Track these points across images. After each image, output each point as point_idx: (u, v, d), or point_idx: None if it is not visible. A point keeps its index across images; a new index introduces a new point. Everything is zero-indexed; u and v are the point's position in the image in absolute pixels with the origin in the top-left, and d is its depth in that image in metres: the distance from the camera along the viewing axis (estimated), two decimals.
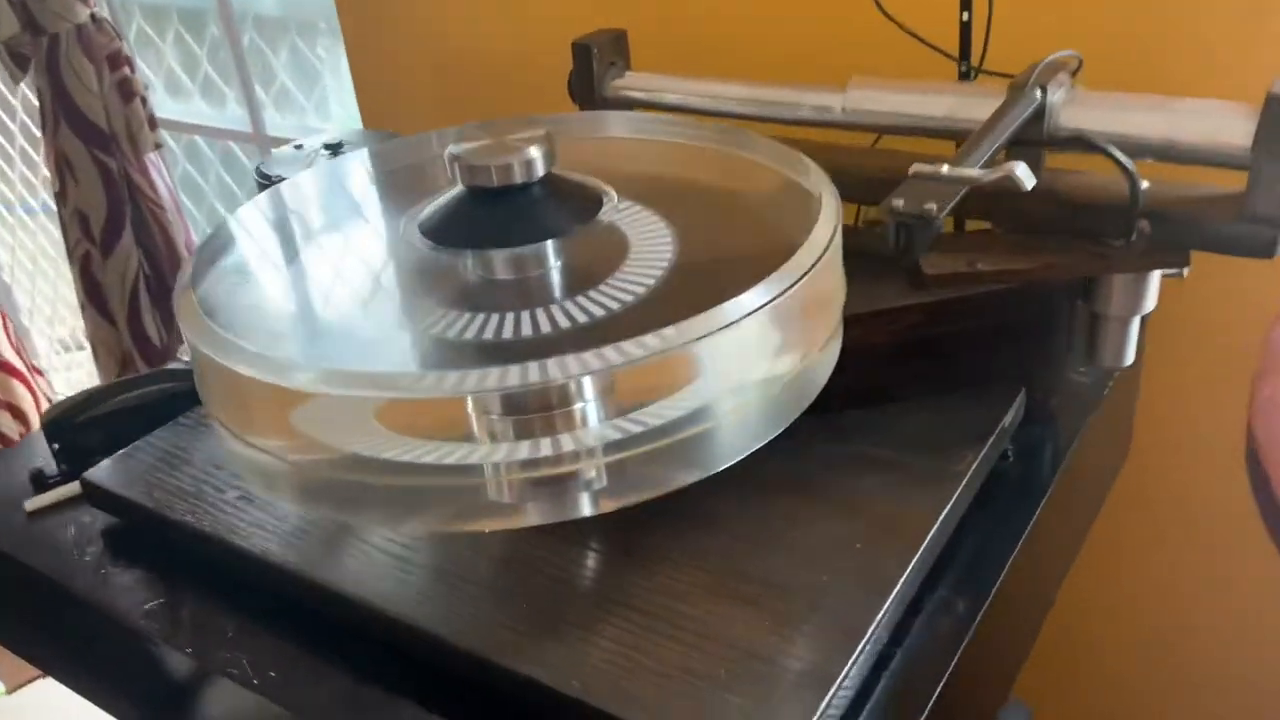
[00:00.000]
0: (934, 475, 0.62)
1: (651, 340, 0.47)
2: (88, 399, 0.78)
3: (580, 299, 0.55)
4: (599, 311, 0.54)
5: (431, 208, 0.61)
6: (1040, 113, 0.63)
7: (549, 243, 0.58)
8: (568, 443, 0.51)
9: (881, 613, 0.53)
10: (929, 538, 0.58)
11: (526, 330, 0.53)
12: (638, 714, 0.49)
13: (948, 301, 0.65)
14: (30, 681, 2.19)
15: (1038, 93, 0.62)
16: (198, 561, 0.65)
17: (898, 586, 0.55)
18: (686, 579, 0.57)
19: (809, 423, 0.63)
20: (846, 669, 0.50)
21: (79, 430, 0.76)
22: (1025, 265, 0.65)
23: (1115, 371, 0.74)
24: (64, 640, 0.72)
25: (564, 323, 0.54)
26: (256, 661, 0.59)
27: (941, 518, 0.59)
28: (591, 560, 0.60)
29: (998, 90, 0.65)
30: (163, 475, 0.69)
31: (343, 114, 1.66)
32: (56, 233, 1.75)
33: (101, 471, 0.70)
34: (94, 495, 0.70)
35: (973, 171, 0.52)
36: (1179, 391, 0.92)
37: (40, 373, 1.99)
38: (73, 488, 0.72)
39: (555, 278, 0.58)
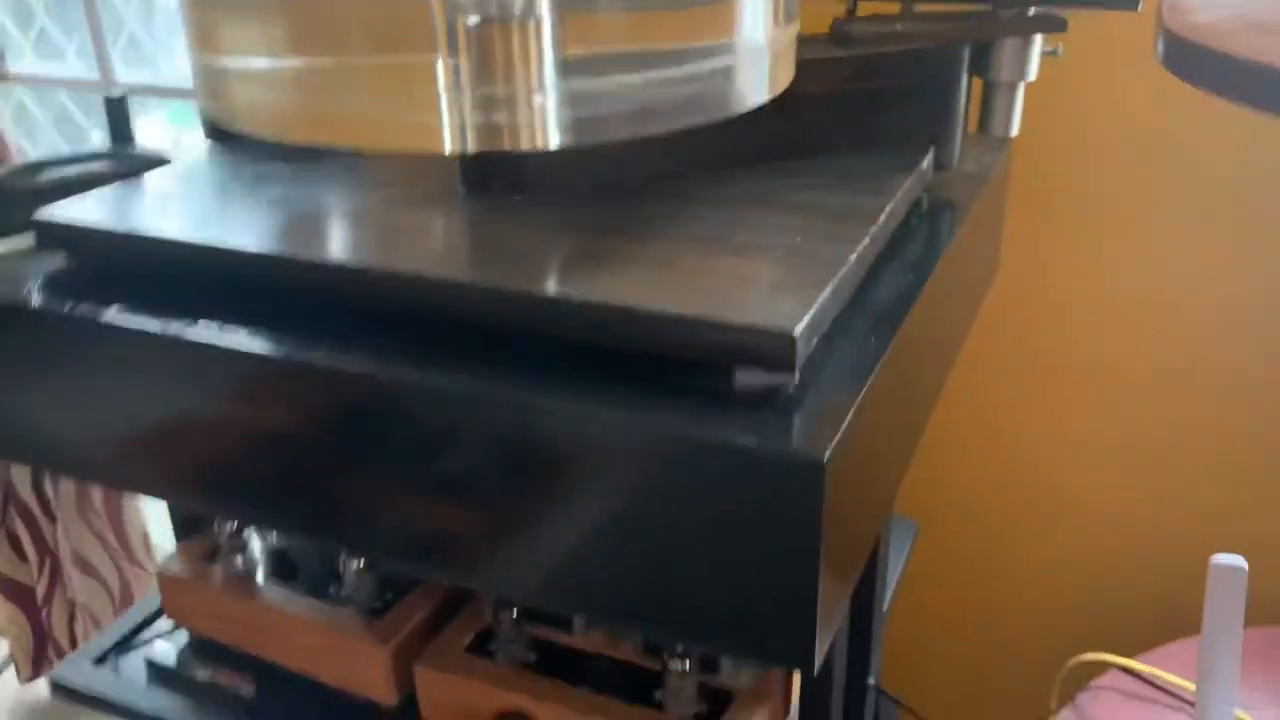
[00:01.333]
0: (876, 188, 0.70)
1: None
2: (14, 172, 0.76)
3: None
4: None
5: None
6: None
7: None
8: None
9: (858, 250, 0.61)
10: (883, 216, 0.66)
11: None
12: (653, 300, 0.54)
13: (871, 57, 0.75)
14: None
15: None
16: (184, 274, 0.65)
17: (863, 243, 0.62)
18: (675, 244, 0.62)
19: (750, 170, 0.71)
20: (837, 277, 0.57)
21: (11, 200, 0.75)
22: (932, 28, 0.76)
23: (1002, 145, 0.85)
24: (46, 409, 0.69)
25: None
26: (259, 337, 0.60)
27: (888, 209, 0.67)
28: (572, 234, 0.65)
29: None
30: (129, 209, 0.69)
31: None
32: None
33: (59, 209, 0.69)
34: (48, 234, 0.68)
35: None
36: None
37: None
38: (22, 239, 0.70)
39: None
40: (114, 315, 0.62)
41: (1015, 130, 0.80)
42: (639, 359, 0.54)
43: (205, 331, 0.60)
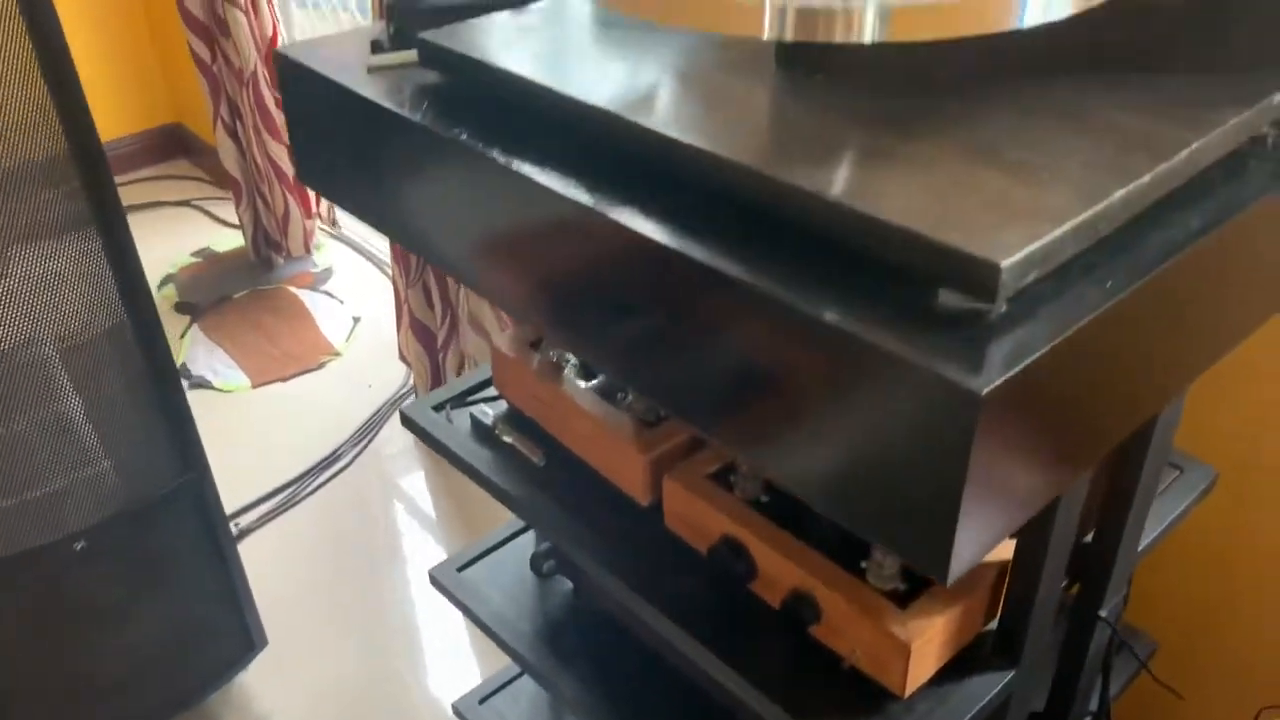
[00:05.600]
0: (1194, 120, 0.65)
1: None
2: None
3: None
4: None
5: None
6: None
7: None
8: None
9: (1124, 190, 0.58)
10: (1178, 158, 0.61)
11: None
12: (889, 209, 0.56)
13: None
14: (273, 382, 2.46)
15: None
16: (519, 112, 0.75)
17: (1141, 180, 0.59)
18: (947, 151, 0.63)
19: (1079, 77, 0.68)
20: (1083, 216, 0.56)
21: (416, 14, 0.88)
22: None
23: None
24: (382, 179, 0.85)
25: None
26: (565, 176, 0.69)
27: (1194, 145, 0.62)
28: (871, 132, 0.66)
29: None
30: (496, 42, 0.79)
31: None
32: None
33: (440, 34, 0.81)
34: (431, 53, 0.81)
35: None
36: None
37: None
38: (408, 54, 0.84)
39: None
40: (460, 135, 0.74)
41: None
42: (863, 255, 0.57)
43: (523, 166, 0.70)
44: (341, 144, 0.88)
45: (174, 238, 2.97)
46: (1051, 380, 0.54)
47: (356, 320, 2.61)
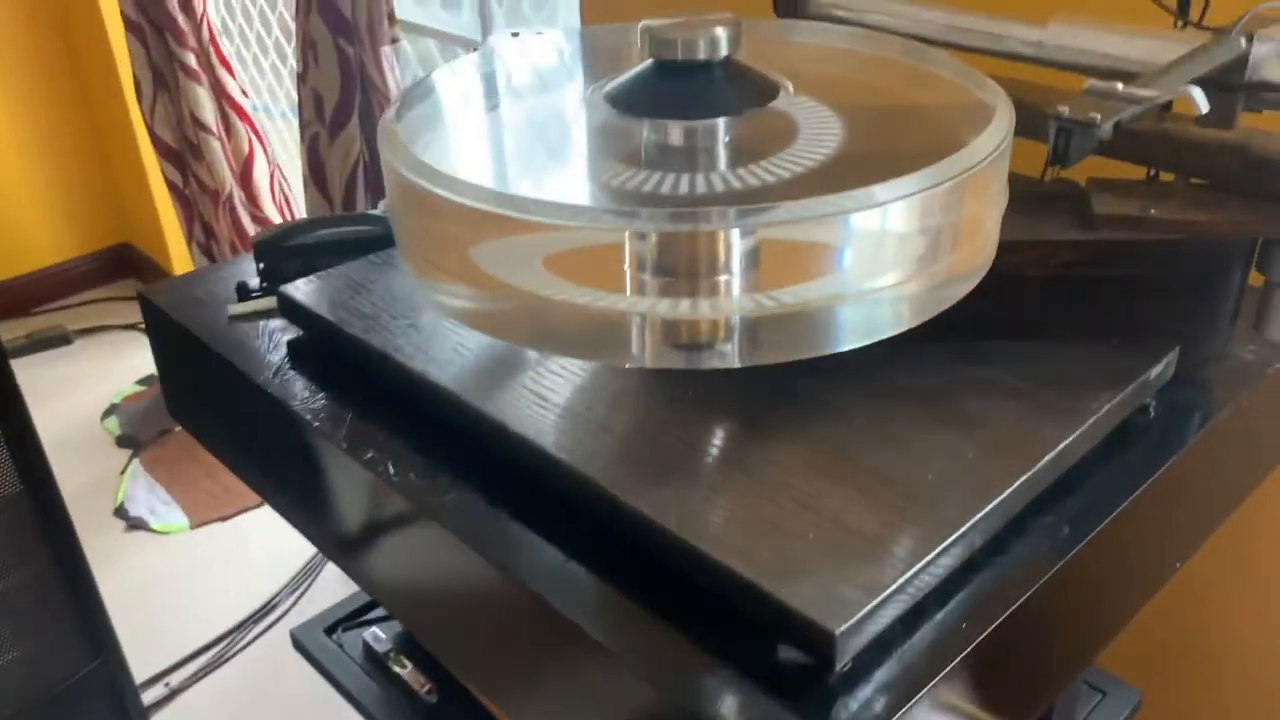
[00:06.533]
0: (1064, 409, 0.62)
1: (795, 207, 0.50)
2: (293, 228, 0.86)
3: (743, 170, 0.58)
4: (755, 182, 0.57)
5: (619, 79, 0.65)
6: (1242, 61, 0.61)
7: (722, 119, 0.61)
8: (711, 305, 0.54)
9: (978, 516, 0.54)
10: (1043, 461, 0.58)
11: (691, 188, 0.57)
12: (722, 550, 0.52)
13: (1113, 243, 0.65)
14: (213, 521, 2.40)
15: (1242, 40, 0.61)
16: (363, 374, 0.71)
17: (1001, 496, 0.56)
18: (799, 457, 0.59)
19: (947, 345, 0.65)
20: (930, 556, 0.52)
21: (282, 254, 0.85)
22: (1203, 218, 0.64)
23: None
24: (239, 429, 0.81)
25: (728, 186, 0.57)
26: (399, 462, 0.65)
27: (1061, 446, 0.59)
28: (717, 430, 0.63)
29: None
30: (347, 298, 0.76)
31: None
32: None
33: (296, 288, 0.77)
34: (288, 307, 0.78)
35: (1145, 90, 0.52)
36: None
37: None
38: (269, 301, 0.80)
39: (723, 150, 0.61)
40: (296, 404, 0.71)
41: None
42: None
43: (359, 451, 0.66)
44: (204, 389, 0.84)
45: (119, 363, 2.93)
46: None
47: None
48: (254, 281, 0.84)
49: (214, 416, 0.84)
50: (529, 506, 0.61)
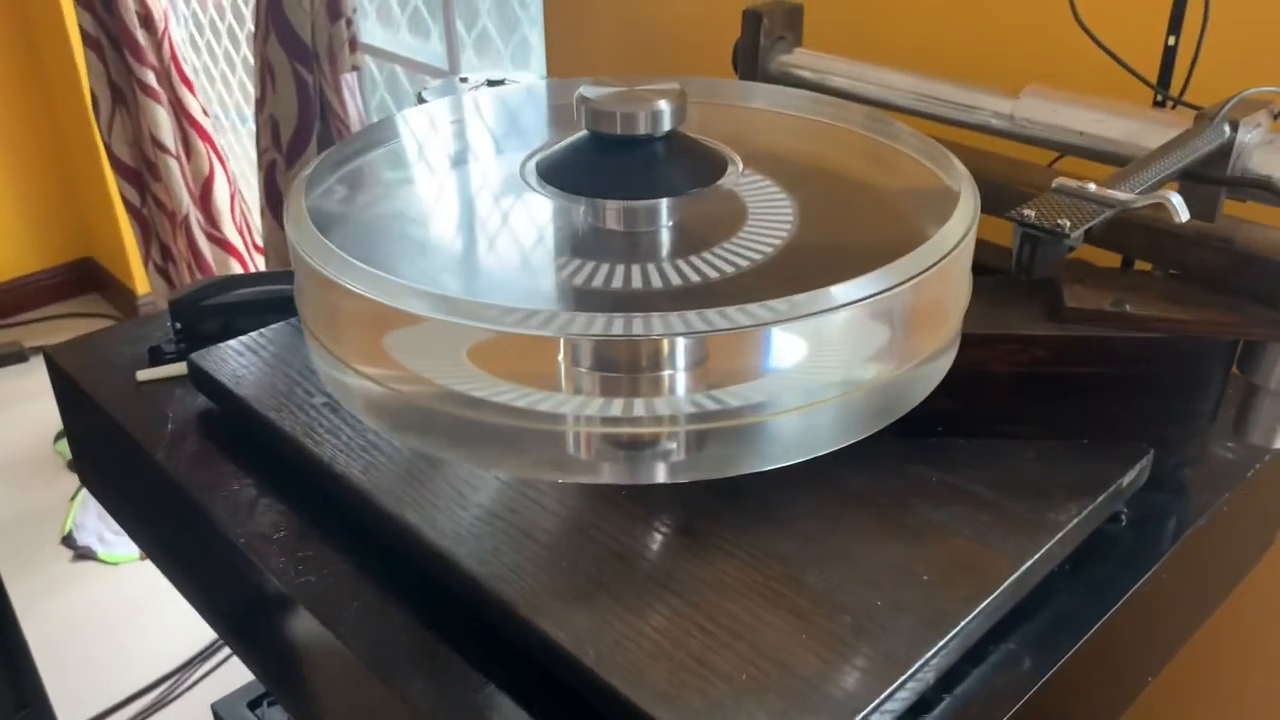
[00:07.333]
0: (1028, 521, 0.57)
1: (738, 314, 0.45)
2: (209, 286, 0.80)
3: (685, 261, 0.53)
4: (697, 278, 0.52)
5: (553, 149, 0.60)
6: (1226, 150, 0.56)
7: (664, 200, 0.56)
8: (651, 408, 0.49)
9: (931, 652, 0.49)
10: (1005, 585, 0.53)
11: (628, 283, 0.52)
12: (643, 695, 0.46)
13: (1084, 340, 0.60)
14: None
15: (1226, 128, 0.56)
16: (274, 456, 0.66)
17: (957, 628, 0.50)
18: (738, 575, 0.54)
19: (907, 443, 0.60)
20: (876, 702, 0.47)
21: (199, 314, 0.79)
22: (1181, 316, 0.59)
23: (1265, 452, 0.66)
24: (141, 501, 0.75)
25: (667, 281, 0.51)
26: (302, 562, 0.59)
27: (1025, 567, 0.54)
28: (650, 538, 0.57)
29: (1190, 123, 0.59)
30: (261, 370, 0.70)
31: (540, 67, 1.67)
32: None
33: (207, 356, 0.71)
34: (197, 377, 0.72)
35: (1121, 194, 0.47)
36: None
37: (262, 250, 2.12)
38: (180, 367, 0.75)
39: (665, 236, 0.56)
40: (195, 483, 0.65)
41: None
42: None
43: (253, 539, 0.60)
44: (108, 453, 0.78)
45: None
46: None
47: None
48: (169, 344, 0.79)
49: (120, 484, 0.78)
50: (442, 619, 0.55)
